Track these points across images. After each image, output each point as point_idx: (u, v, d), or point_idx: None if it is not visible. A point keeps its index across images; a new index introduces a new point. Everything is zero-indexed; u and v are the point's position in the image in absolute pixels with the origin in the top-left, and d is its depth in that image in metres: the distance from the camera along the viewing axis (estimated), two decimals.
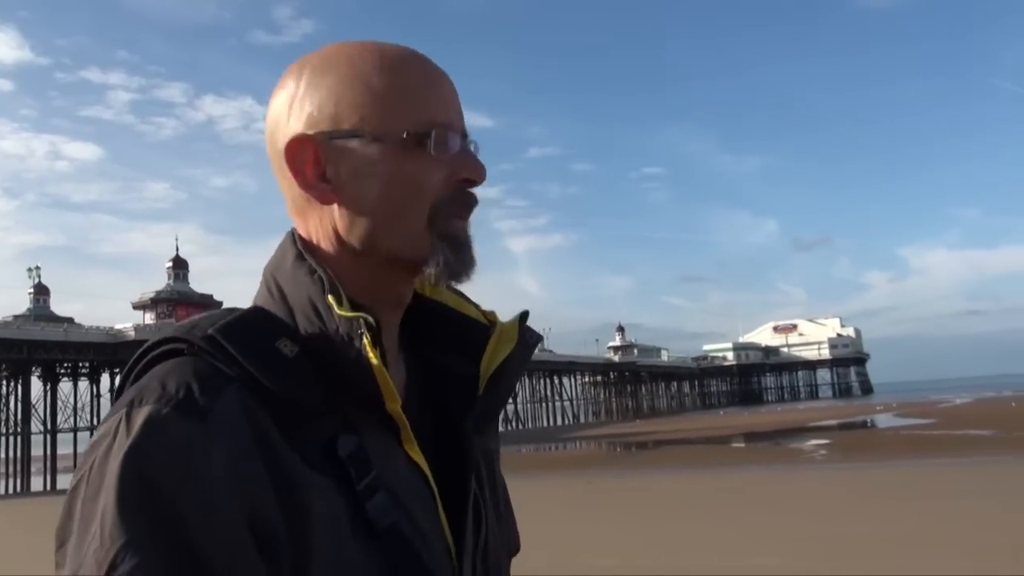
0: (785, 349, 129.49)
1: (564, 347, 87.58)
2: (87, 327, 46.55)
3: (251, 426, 0.68)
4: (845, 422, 46.42)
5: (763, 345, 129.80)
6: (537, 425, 74.51)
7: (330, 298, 0.75)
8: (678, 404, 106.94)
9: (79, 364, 46.58)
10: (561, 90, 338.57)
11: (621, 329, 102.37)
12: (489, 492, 0.88)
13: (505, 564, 0.90)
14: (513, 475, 1.22)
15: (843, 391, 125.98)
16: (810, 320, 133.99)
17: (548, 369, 78.60)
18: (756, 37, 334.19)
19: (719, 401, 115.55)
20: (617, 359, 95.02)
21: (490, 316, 0.89)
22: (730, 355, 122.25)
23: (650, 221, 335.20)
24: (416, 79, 0.80)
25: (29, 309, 48.07)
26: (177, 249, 53.20)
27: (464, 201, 0.81)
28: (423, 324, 0.89)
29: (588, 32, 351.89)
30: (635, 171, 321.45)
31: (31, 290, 48.99)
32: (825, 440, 33.61)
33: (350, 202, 0.79)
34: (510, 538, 0.94)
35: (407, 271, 0.81)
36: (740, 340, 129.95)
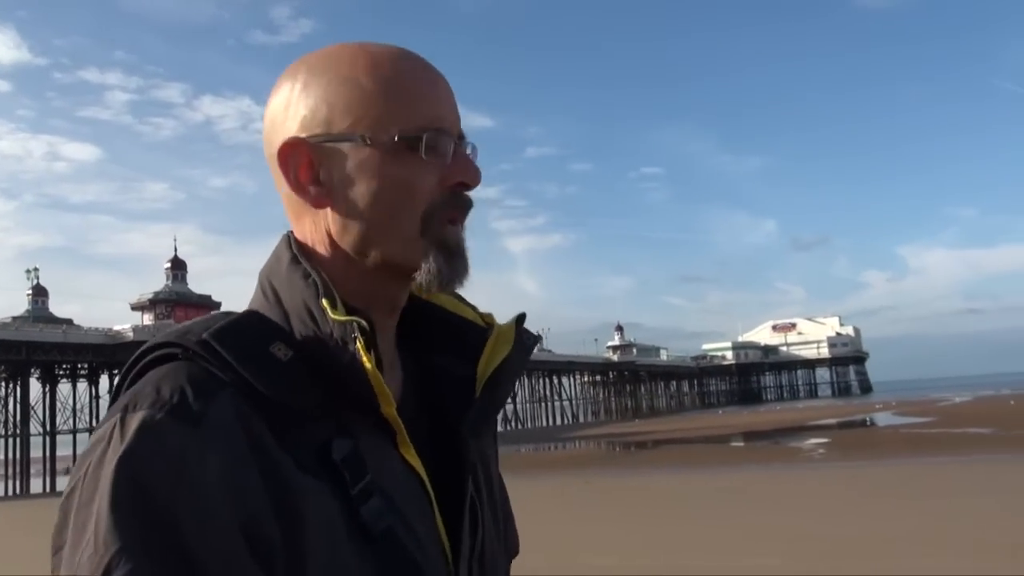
0: (784, 348, 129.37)
1: (563, 347, 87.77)
2: (86, 328, 46.45)
3: (245, 431, 0.68)
4: (844, 421, 46.45)
5: (762, 344, 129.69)
6: (536, 425, 74.48)
7: (324, 302, 0.75)
8: (677, 403, 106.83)
9: (78, 365, 46.51)
10: (559, 89, 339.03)
11: (620, 329, 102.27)
12: (486, 495, 0.88)
13: (503, 567, 0.90)
14: (512, 475, 1.22)
15: (842, 390, 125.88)
16: (809, 319, 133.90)
17: (547, 369, 78.52)
18: (756, 37, 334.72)
19: (718, 400, 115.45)
20: (616, 359, 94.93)
21: (487, 318, 0.89)
22: (729, 354, 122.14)
23: (649, 221, 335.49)
24: (410, 82, 0.79)
25: (28, 310, 47.97)
26: (175, 249, 53.10)
27: (458, 205, 0.80)
28: (421, 326, 0.89)
29: (587, 31, 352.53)
30: (634, 171, 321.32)
31: (29, 291, 48.85)
32: (824, 439, 33.62)
33: (342, 206, 0.79)
34: (509, 540, 0.94)
35: (400, 276, 0.80)
36: (739, 339, 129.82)
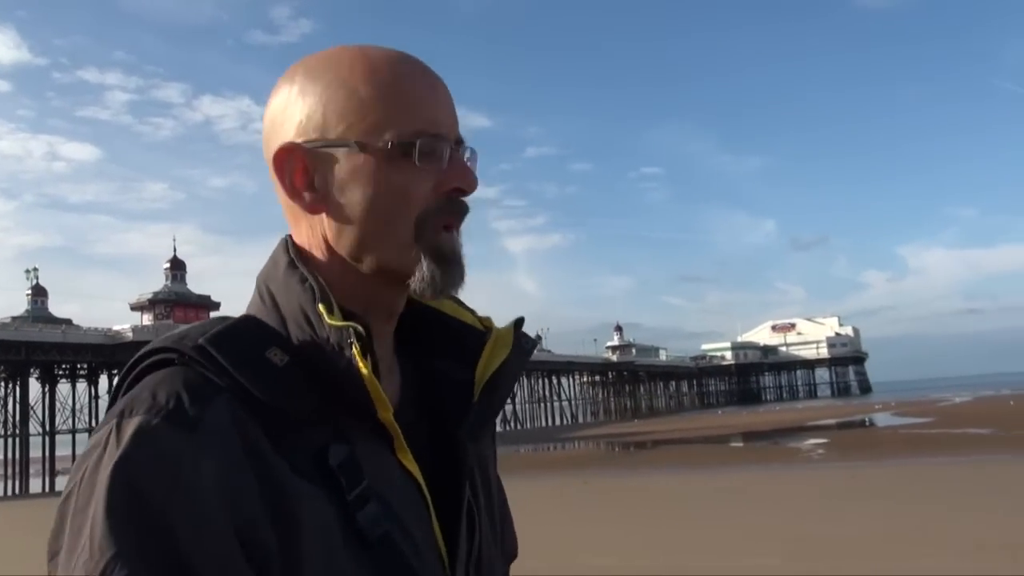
0: (783, 348, 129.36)
1: (562, 347, 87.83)
2: (85, 328, 46.50)
3: (241, 436, 0.68)
4: (843, 421, 46.45)
5: (761, 344, 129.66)
6: (535, 425, 74.48)
7: (320, 307, 0.74)
8: (676, 404, 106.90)
9: (77, 365, 46.55)
10: (559, 89, 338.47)
11: (619, 329, 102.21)
12: (484, 499, 0.88)
13: (500, 571, 0.89)
14: (511, 475, 1.22)
15: (841, 390, 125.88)
16: (808, 319, 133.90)
17: (546, 369, 78.54)
18: (756, 37, 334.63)
19: (717, 400, 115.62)
20: (615, 359, 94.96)
21: (486, 322, 0.89)
22: (728, 354, 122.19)
23: (648, 221, 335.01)
24: (407, 87, 0.79)
25: (27, 310, 47.98)
26: (175, 250, 52.94)
27: (453, 211, 0.80)
28: (421, 331, 0.89)
29: (587, 31, 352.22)
30: (634, 171, 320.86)
31: (29, 291, 48.86)
32: (823, 439, 33.63)
33: (337, 212, 0.78)
34: (506, 544, 0.94)
35: (395, 282, 0.80)
36: (738, 339, 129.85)
